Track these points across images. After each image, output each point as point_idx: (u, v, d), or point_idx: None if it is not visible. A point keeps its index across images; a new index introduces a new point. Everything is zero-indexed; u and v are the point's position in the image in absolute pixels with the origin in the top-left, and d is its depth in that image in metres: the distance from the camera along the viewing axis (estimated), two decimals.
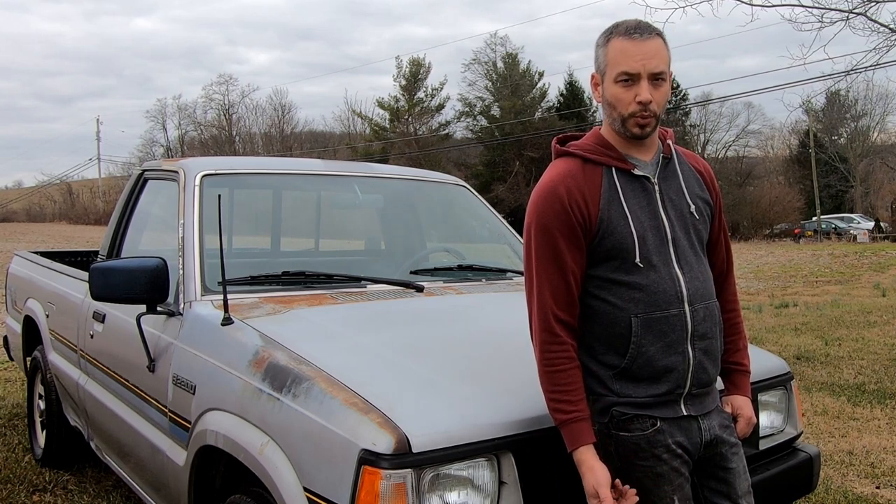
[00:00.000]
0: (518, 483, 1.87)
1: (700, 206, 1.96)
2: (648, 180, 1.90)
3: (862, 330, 8.89)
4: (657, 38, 1.83)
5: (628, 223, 1.85)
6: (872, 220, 40.62)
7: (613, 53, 1.83)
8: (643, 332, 1.84)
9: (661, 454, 1.84)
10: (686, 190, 1.94)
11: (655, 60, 1.81)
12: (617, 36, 1.84)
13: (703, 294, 1.90)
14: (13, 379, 6.32)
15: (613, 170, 1.89)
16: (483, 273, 3.27)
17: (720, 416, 1.98)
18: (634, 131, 1.85)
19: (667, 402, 1.87)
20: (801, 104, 19.30)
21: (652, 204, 1.89)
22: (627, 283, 1.85)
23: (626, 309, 1.85)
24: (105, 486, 3.94)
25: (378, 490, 1.71)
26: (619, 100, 1.83)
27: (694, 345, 1.87)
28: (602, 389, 1.88)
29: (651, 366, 1.84)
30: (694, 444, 1.90)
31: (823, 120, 49.36)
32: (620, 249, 1.85)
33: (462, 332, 2.50)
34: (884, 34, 8.23)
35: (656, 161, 1.93)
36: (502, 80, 46.24)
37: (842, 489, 3.86)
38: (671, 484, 1.85)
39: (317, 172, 3.63)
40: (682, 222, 1.91)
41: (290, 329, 2.35)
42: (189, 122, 58.99)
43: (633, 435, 1.84)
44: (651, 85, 1.81)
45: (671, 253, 1.88)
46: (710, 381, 1.93)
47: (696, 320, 1.87)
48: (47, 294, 4.17)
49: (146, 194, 3.55)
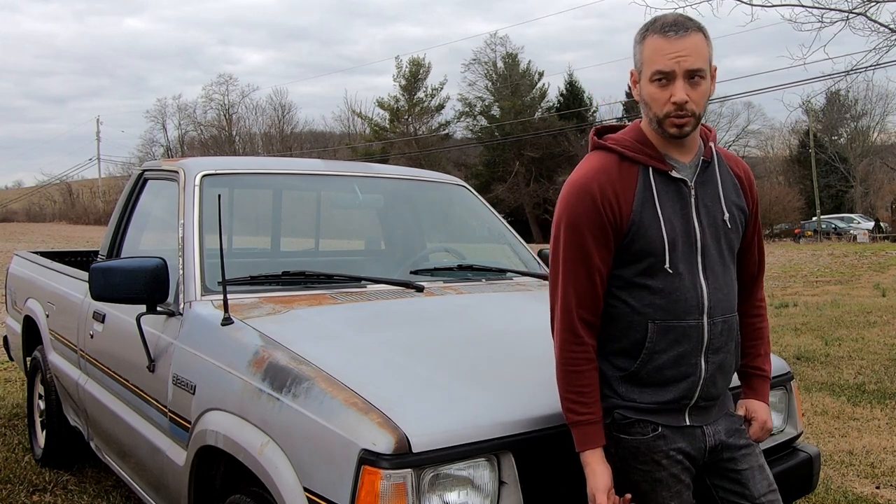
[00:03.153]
0: (518, 483, 1.87)
1: (735, 213, 1.90)
2: (685, 184, 1.84)
3: (862, 330, 8.89)
4: (695, 34, 1.74)
5: (660, 227, 1.79)
6: (872, 220, 40.63)
7: (648, 51, 1.76)
8: (658, 338, 1.80)
9: (660, 459, 1.82)
10: (723, 197, 1.87)
11: (692, 58, 1.73)
12: (653, 33, 1.76)
13: (724, 307, 1.86)
14: (13, 379, 6.31)
15: (650, 170, 1.83)
16: (483, 273, 3.27)
17: (728, 421, 1.95)
18: (671, 132, 1.78)
19: (671, 411, 1.84)
20: (801, 104, 19.35)
21: (686, 209, 1.83)
22: (650, 288, 1.81)
23: (644, 313, 1.81)
24: (105, 486, 3.94)
25: (378, 490, 1.71)
26: (654, 99, 1.77)
27: (707, 358, 1.84)
28: (607, 390, 1.86)
29: (660, 374, 1.82)
30: (698, 450, 1.88)
31: (823, 120, 49.35)
32: (650, 253, 1.80)
33: (462, 332, 2.50)
34: (884, 34, 8.23)
35: (695, 164, 1.86)
36: (502, 80, 46.25)
37: (842, 489, 3.86)
38: (669, 490, 1.83)
39: (317, 172, 3.63)
40: (713, 230, 1.86)
41: (290, 329, 2.35)
42: (189, 122, 59.08)
43: (633, 438, 1.83)
44: (687, 84, 1.74)
45: (699, 261, 1.83)
46: (719, 394, 1.90)
47: (714, 333, 1.83)
48: (47, 294, 4.17)
49: (146, 194, 3.55)
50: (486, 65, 47.11)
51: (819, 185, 42.94)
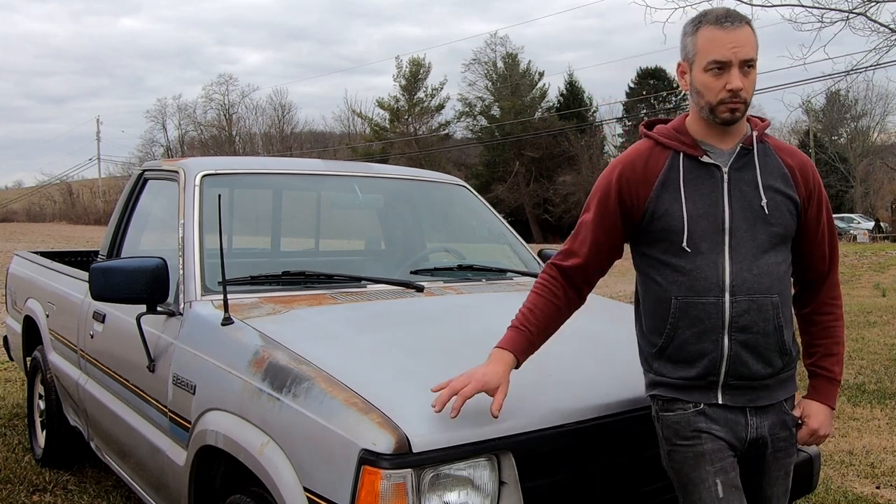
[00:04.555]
0: (518, 483, 1.87)
1: (778, 200, 1.90)
2: (719, 169, 1.90)
3: (862, 330, 8.89)
4: (746, 26, 1.84)
5: (681, 208, 1.88)
6: (872, 220, 40.63)
7: (703, 42, 1.83)
8: (680, 315, 1.88)
9: (700, 433, 1.88)
10: (761, 183, 1.90)
11: (746, 48, 1.82)
12: (707, 24, 1.84)
13: (752, 287, 1.86)
14: (13, 379, 6.31)
15: (681, 155, 1.92)
16: (483, 273, 3.27)
17: (778, 416, 1.95)
18: (725, 116, 1.85)
19: (700, 388, 1.89)
20: (801, 104, 19.30)
21: (716, 192, 1.89)
22: (673, 266, 1.90)
23: (669, 290, 1.90)
24: (105, 486, 3.94)
25: (378, 490, 1.71)
26: (708, 88, 1.84)
27: (731, 336, 1.85)
28: (646, 366, 2.00)
29: (684, 349, 1.89)
30: (738, 439, 1.89)
31: (823, 120, 49.35)
32: (669, 232, 1.89)
33: (462, 332, 2.50)
34: (884, 34, 8.24)
35: (734, 150, 1.92)
36: (502, 80, 46.24)
37: (842, 489, 3.86)
38: (713, 464, 1.85)
39: (317, 172, 3.63)
40: (748, 213, 1.88)
41: (290, 329, 2.35)
42: (189, 122, 58.99)
43: (674, 414, 1.92)
44: (741, 72, 1.82)
45: (725, 241, 1.87)
46: (754, 375, 1.88)
47: (737, 312, 1.85)
48: (47, 294, 4.17)
49: (146, 194, 3.55)
50: (486, 65, 47.13)
51: None
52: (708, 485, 1.85)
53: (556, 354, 2.26)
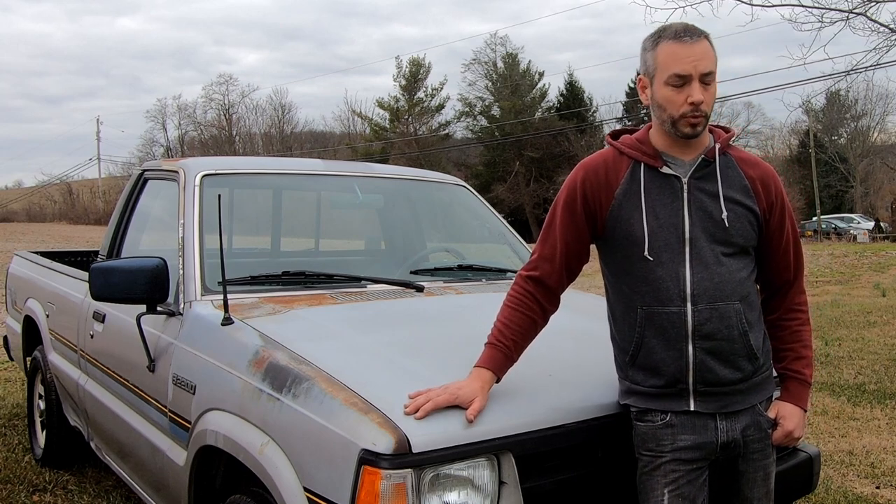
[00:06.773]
0: (518, 483, 1.87)
1: (738, 212, 1.92)
2: (678, 179, 1.91)
3: (862, 330, 8.89)
4: (705, 40, 1.87)
5: (641, 217, 1.91)
6: (872, 220, 40.61)
7: (664, 56, 1.86)
8: (646, 324, 1.92)
9: (663, 447, 1.91)
10: (722, 195, 1.92)
11: (705, 62, 1.84)
12: (666, 39, 1.86)
13: (714, 295, 1.88)
14: (13, 379, 6.32)
15: (641, 165, 1.94)
16: (483, 273, 3.27)
17: (752, 418, 1.97)
18: (686, 131, 1.87)
19: (671, 396, 1.92)
20: (801, 104, 19.23)
21: (676, 202, 1.91)
22: (635, 275, 1.93)
23: (634, 299, 1.94)
24: (105, 486, 3.94)
25: (378, 490, 1.71)
26: (670, 101, 1.86)
27: (696, 344, 1.88)
28: (621, 373, 2.03)
29: (650, 357, 1.92)
30: (708, 445, 1.91)
31: (823, 120, 49.34)
32: (630, 241, 1.92)
33: (462, 332, 2.49)
34: (884, 34, 8.24)
35: (695, 161, 1.93)
36: (502, 80, 46.25)
37: (842, 489, 3.86)
38: (666, 476, 1.90)
39: (317, 172, 3.63)
40: (707, 224, 1.90)
41: (290, 329, 2.35)
42: (189, 122, 59.07)
43: (644, 425, 1.95)
44: (701, 85, 1.84)
45: (685, 252, 1.89)
46: (723, 381, 1.91)
47: (699, 320, 1.88)
48: (47, 294, 4.17)
49: (146, 194, 3.55)
50: (485, 65, 47.14)
51: (819, 185, 42.94)
52: (657, 494, 1.91)
53: (556, 354, 2.26)
